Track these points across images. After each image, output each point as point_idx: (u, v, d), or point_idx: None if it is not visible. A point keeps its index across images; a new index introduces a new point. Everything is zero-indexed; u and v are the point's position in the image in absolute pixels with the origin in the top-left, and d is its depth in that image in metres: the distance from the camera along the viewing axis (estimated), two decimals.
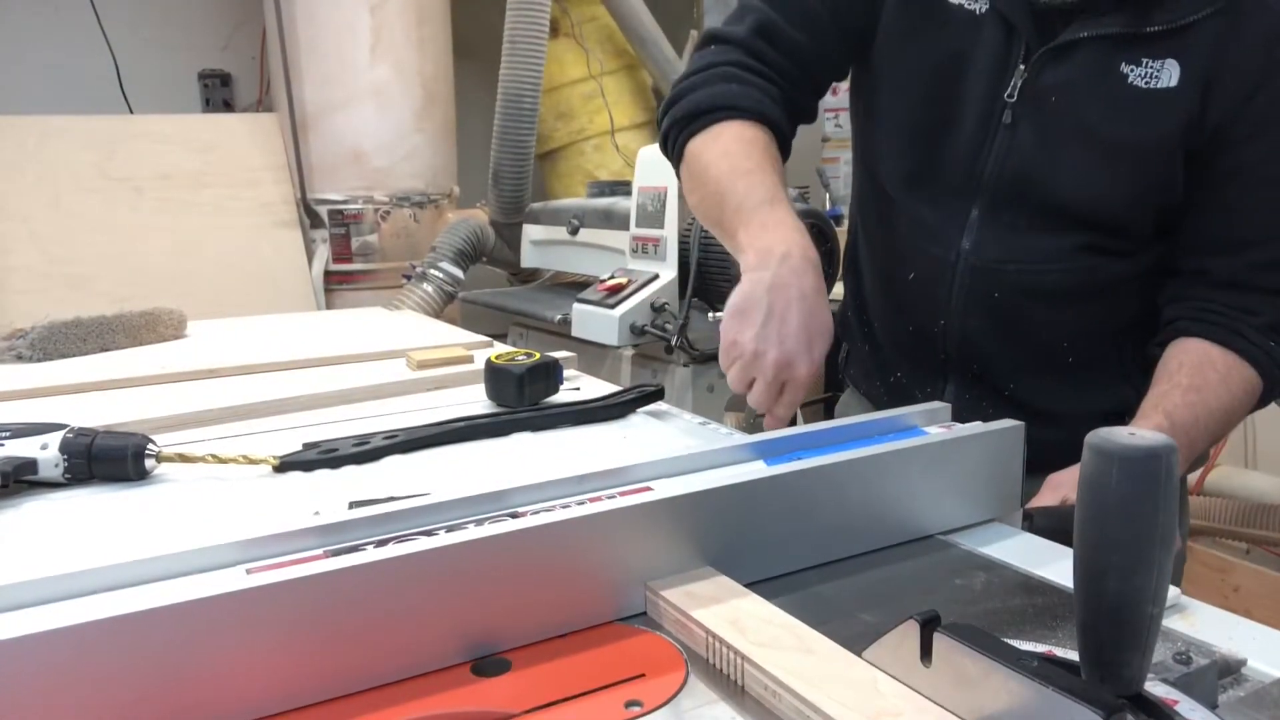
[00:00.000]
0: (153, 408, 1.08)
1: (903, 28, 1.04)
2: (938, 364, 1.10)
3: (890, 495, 0.70)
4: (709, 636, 0.55)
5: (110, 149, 2.87)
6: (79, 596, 0.51)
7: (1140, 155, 0.96)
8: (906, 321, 1.12)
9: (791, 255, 0.88)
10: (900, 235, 1.10)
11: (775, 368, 0.87)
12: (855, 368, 1.26)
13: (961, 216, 1.04)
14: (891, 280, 1.13)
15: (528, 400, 1.06)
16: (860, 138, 1.15)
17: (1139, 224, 1.01)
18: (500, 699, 0.52)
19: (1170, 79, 0.94)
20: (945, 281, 1.06)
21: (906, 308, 1.12)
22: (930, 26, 1.02)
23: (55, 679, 0.45)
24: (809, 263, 0.89)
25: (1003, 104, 0.99)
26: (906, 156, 1.07)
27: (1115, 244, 1.01)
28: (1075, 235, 1.01)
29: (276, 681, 0.50)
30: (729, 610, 0.57)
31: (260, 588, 0.49)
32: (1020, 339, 1.06)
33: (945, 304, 1.07)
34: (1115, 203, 0.99)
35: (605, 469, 0.68)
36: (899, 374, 1.16)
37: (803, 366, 0.87)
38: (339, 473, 0.89)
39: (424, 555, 0.54)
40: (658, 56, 3.26)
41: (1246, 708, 0.50)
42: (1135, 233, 1.01)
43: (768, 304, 0.87)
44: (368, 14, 2.91)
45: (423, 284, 2.72)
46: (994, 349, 1.07)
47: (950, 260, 1.05)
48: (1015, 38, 0.98)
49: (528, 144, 2.74)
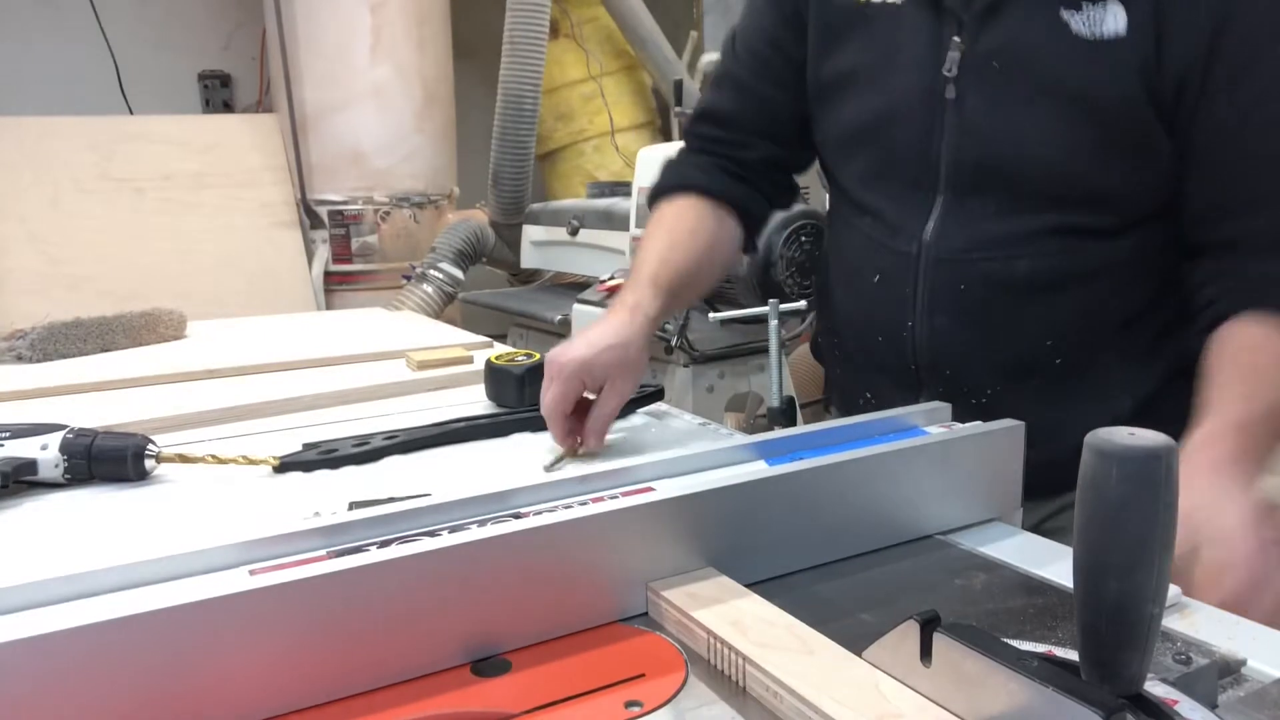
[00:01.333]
0: (153, 408, 1.08)
1: (827, 44, 1.03)
2: (910, 374, 1.02)
3: (890, 495, 0.70)
4: (710, 637, 0.56)
5: (110, 149, 2.87)
6: (81, 598, 0.51)
7: (1099, 112, 0.89)
8: (875, 330, 1.05)
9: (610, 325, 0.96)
10: (865, 237, 1.06)
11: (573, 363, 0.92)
12: (834, 394, 1.22)
13: (925, 208, 0.99)
14: (859, 287, 1.07)
15: (527, 400, 1.06)
16: (820, 150, 1.13)
17: (1117, 195, 0.93)
18: (500, 699, 0.52)
19: (1117, 24, 0.87)
20: (909, 279, 1.00)
21: (874, 314, 1.06)
22: (854, 34, 1.01)
23: (57, 682, 0.45)
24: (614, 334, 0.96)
25: (943, 80, 0.94)
26: (858, 157, 1.05)
27: (1093, 221, 0.93)
28: (1046, 215, 0.94)
29: (279, 683, 0.50)
30: (730, 611, 0.57)
31: (263, 589, 0.50)
32: (994, 339, 0.97)
33: (910, 303, 1.00)
34: (1082, 168, 0.91)
35: (607, 469, 0.69)
36: (868, 393, 1.10)
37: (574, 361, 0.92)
38: (339, 473, 0.89)
39: (427, 556, 0.54)
40: (658, 57, 3.26)
41: (1246, 708, 0.51)
42: (1115, 206, 0.93)
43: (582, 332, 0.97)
44: (368, 14, 2.91)
45: (423, 284, 2.72)
46: (965, 350, 0.98)
47: (913, 254, 0.99)
48: (944, 13, 0.94)
49: (528, 144, 2.74)
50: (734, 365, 2.03)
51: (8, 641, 0.44)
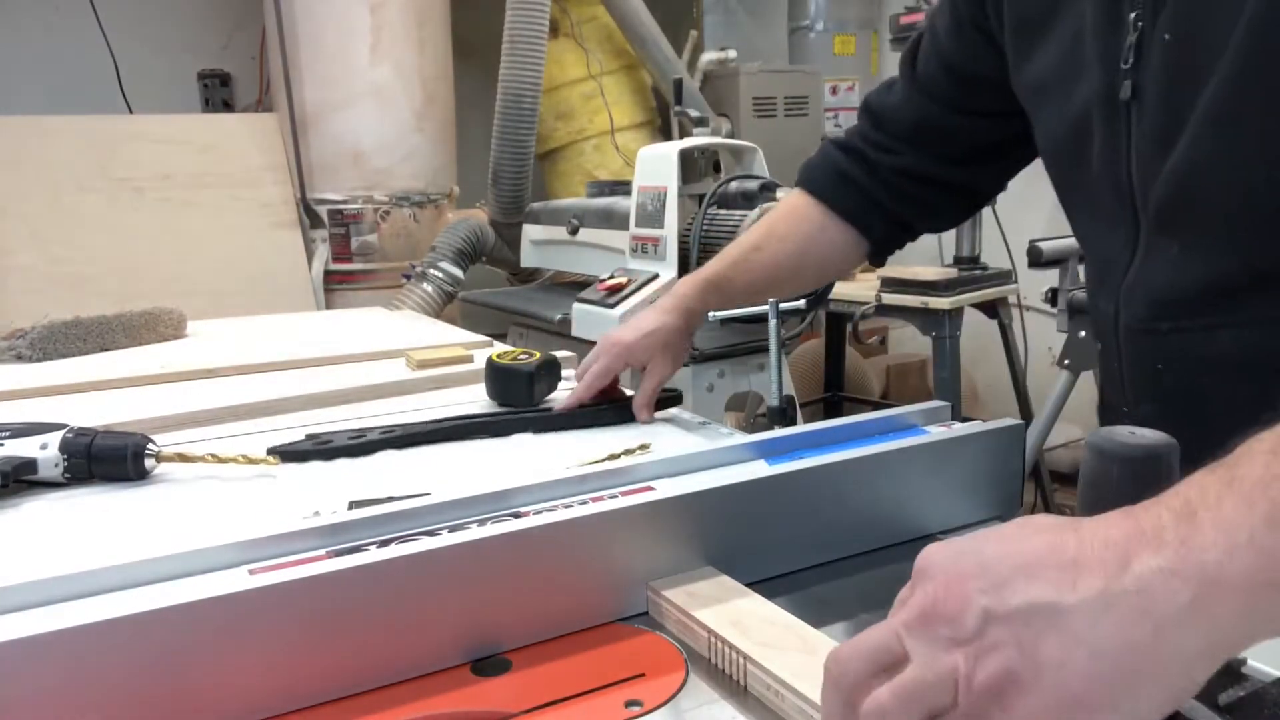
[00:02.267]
0: (153, 408, 1.08)
1: (1022, 48, 0.85)
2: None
3: (891, 494, 0.70)
4: (711, 636, 0.56)
5: (110, 149, 2.86)
6: (81, 598, 0.51)
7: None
8: (1104, 406, 0.87)
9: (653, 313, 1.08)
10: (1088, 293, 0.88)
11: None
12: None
13: (1125, 253, 0.77)
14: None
15: (536, 399, 1.06)
16: None
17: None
18: (500, 699, 0.52)
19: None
20: (1113, 349, 0.80)
21: (1111, 397, 0.85)
22: (1046, 33, 0.82)
23: (57, 681, 0.45)
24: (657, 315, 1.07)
25: (1120, 75, 0.73)
26: (1061, 186, 0.86)
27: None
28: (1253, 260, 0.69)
29: (278, 682, 0.50)
30: (730, 610, 0.57)
31: (263, 588, 0.50)
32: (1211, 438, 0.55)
33: (1118, 382, 0.80)
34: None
35: (607, 469, 0.69)
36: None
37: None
38: (338, 473, 0.89)
39: (427, 555, 0.54)
40: (658, 56, 3.25)
41: (1246, 707, 0.50)
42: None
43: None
44: (368, 14, 2.91)
45: (422, 284, 2.72)
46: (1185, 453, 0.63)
47: (1111, 316, 0.79)
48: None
49: (528, 144, 2.74)
50: (734, 365, 2.03)
51: (8, 641, 0.44)
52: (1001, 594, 0.38)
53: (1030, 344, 2.91)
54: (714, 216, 1.96)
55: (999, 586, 0.38)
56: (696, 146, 2.18)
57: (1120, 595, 0.36)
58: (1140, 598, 0.36)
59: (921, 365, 3.50)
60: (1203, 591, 0.36)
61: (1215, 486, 0.38)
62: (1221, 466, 0.39)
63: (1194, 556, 0.36)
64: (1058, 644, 0.36)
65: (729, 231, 1.88)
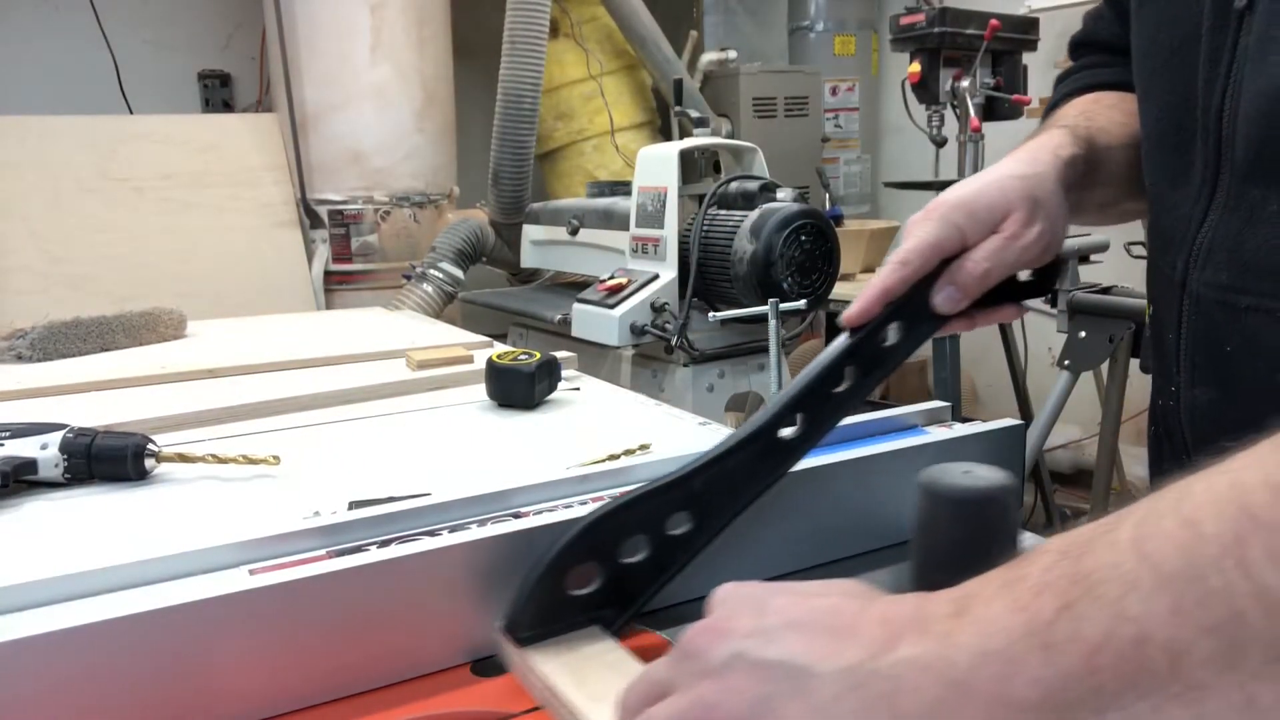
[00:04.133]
0: (153, 408, 1.08)
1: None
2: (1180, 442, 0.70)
3: (890, 495, 0.70)
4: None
5: (110, 149, 2.87)
6: (81, 598, 0.51)
7: None
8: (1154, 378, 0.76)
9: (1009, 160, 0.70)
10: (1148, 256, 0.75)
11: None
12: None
13: (1200, 203, 0.64)
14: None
15: (537, 399, 1.06)
16: None
17: None
18: (500, 699, 0.52)
19: None
20: (1172, 320, 0.68)
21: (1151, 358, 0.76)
22: None
23: (56, 681, 0.45)
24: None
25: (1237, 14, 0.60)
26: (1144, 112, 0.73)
27: None
28: None
29: (278, 682, 0.50)
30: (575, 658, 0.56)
31: (263, 588, 0.50)
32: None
33: (1173, 357, 0.68)
34: None
35: (607, 469, 0.69)
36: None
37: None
38: (338, 472, 0.89)
39: (427, 555, 0.54)
40: (658, 57, 3.25)
41: None
42: None
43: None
44: (368, 14, 2.91)
45: (423, 284, 2.72)
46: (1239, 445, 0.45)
47: (1176, 282, 0.67)
48: None
49: (528, 144, 2.74)
50: (734, 365, 2.03)
51: (8, 641, 0.44)
52: (763, 643, 0.38)
53: (1030, 344, 2.91)
54: (714, 217, 1.96)
55: (764, 635, 0.38)
56: (696, 147, 2.18)
57: (871, 676, 0.35)
58: (888, 684, 0.35)
59: (921, 366, 3.50)
60: (947, 695, 0.34)
61: (996, 582, 0.36)
62: (1023, 559, 0.36)
63: (949, 655, 0.34)
64: (799, 708, 0.36)
65: (729, 231, 1.88)
